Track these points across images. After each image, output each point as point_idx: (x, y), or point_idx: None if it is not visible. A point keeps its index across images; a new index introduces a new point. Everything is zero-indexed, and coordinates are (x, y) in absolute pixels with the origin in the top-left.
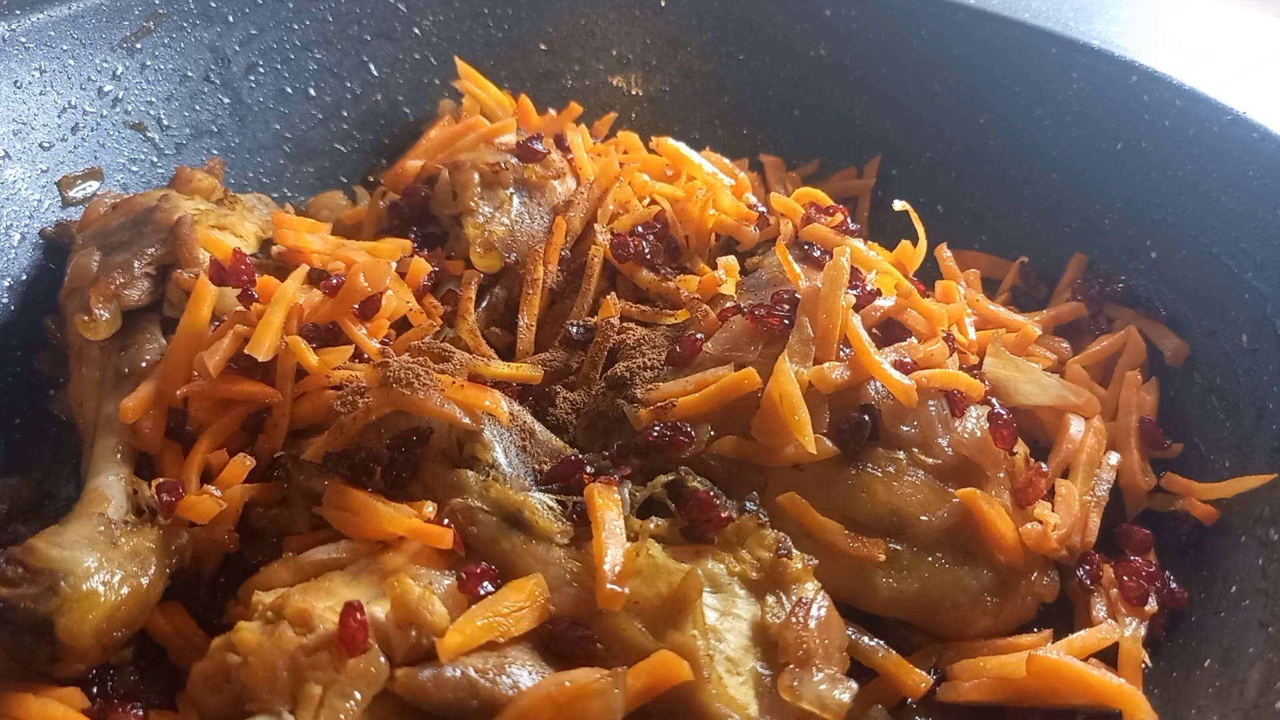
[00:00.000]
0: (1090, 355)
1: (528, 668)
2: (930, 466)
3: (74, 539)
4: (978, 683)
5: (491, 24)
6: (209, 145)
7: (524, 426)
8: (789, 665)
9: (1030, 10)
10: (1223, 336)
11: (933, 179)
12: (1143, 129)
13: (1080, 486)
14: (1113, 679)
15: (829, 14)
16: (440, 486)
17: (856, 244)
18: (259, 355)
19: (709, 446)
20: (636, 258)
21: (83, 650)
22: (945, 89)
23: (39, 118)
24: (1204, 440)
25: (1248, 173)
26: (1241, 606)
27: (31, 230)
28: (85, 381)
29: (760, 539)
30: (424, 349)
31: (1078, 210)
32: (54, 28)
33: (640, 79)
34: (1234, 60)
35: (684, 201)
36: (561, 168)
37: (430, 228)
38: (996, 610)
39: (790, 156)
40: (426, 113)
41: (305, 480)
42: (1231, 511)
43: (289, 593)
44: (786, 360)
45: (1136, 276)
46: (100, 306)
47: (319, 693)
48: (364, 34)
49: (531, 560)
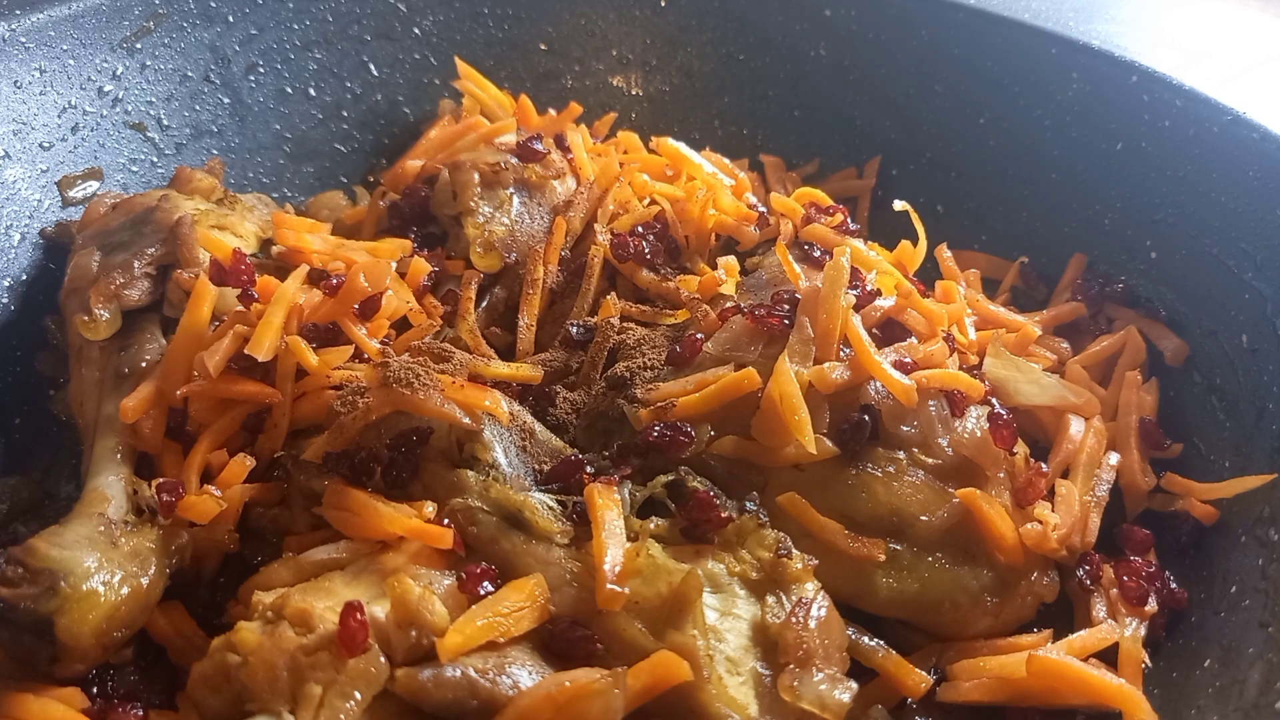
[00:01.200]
0: (1090, 355)
1: (528, 668)
2: (930, 466)
3: (74, 539)
4: (978, 683)
5: (491, 24)
6: (209, 145)
7: (524, 426)
8: (789, 665)
9: (1030, 10)
10: (1223, 336)
11: (933, 179)
12: (1143, 129)
13: (1080, 487)
14: (1113, 679)
15: (829, 14)
16: (440, 486)
17: (856, 244)
18: (259, 355)
19: (709, 446)
20: (636, 258)
21: (83, 650)
22: (945, 89)
23: (39, 118)
24: (1204, 440)
25: (1248, 173)
26: (1241, 606)
27: (31, 230)
28: (85, 381)
29: (760, 539)
30: (424, 349)
31: (1078, 210)
32: (54, 28)
33: (640, 79)
34: (1234, 60)
35: (684, 201)
36: (561, 168)
37: (430, 228)
38: (996, 610)
39: (790, 156)
40: (426, 113)
41: (305, 480)
42: (1231, 511)
43: (289, 593)
44: (786, 360)
45: (1136, 276)
46: (100, 306)
47: (319, 693)
48: (364, 34)
49: (531, 560)
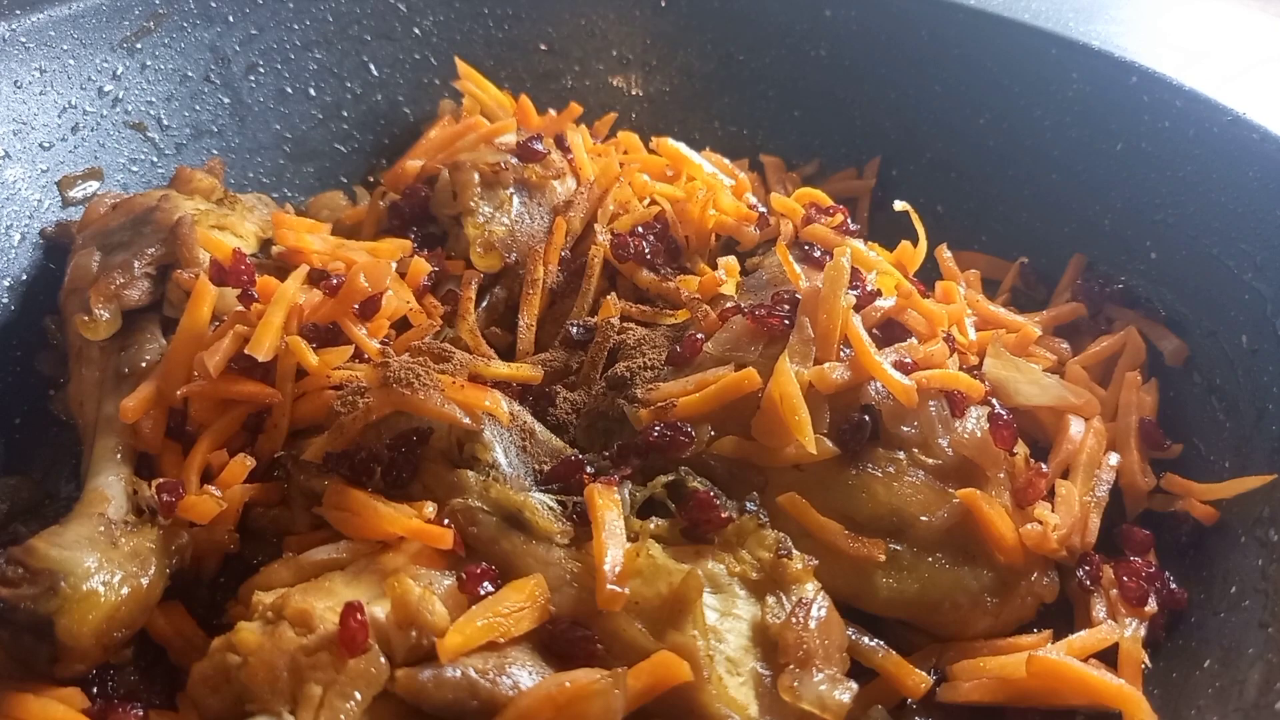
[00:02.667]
0: (1090, 356)
1: (528, 668)
2: (930, 467)
3: (74, 539)
4: (978, 683)
5: (491, 24)
6: (209, 145)
7: (524, 427)
8: (789, 666)
9: (1030, 10)
10: (1223, 337)
11: (933, 179)
12: (1143, 129)
13: (1080, 487)
14: (1112, 679)
15: (829, 14)
16: (440, 487)
17: (857, 244)
18: (259, 356)
19: (709, 446)
20: (636, 258)
21: (83, 651)
22: (945, 89)
23: (39, 118)
24: (1204, 441)
25: (1248, 173)
26: (1241, 607)
27: (31, 230)
28: (85, 381)
29: (760, 539)
30: (424, 349)
31: (1078, 210)
32: (54, 28)
33: (640, 79)
34: (1234, 60)
35: (684, 202)
36: (561, 168)
37: (430, 228)
38: (996, 610)
39: (790, 156)
40: (426, 113)
41: (305, 480)
42: (1231, 512)
43: (289, 593)
44: (787, 360)
45: (1136, 276)
46: (100, 306)
47: (319, 693)
48: (364, 34)
49: (532, 560)
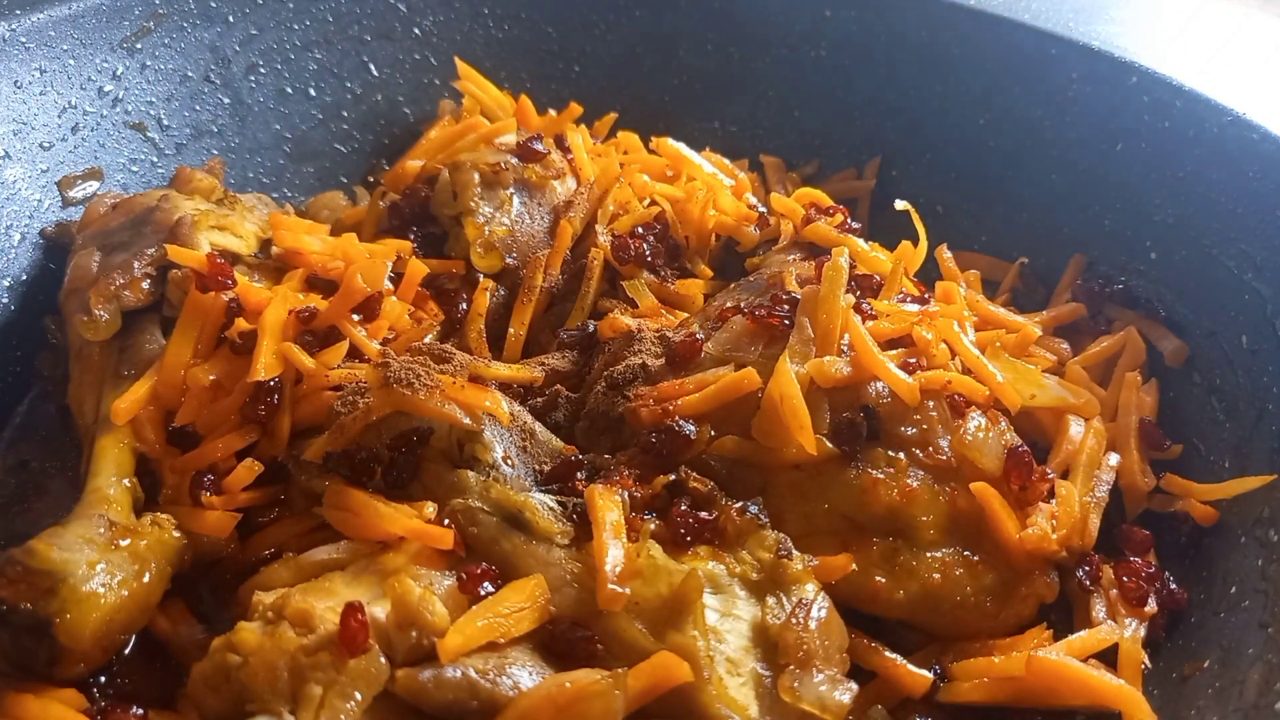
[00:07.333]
0: (1090, 356)
1: (528, 669)
2: (931, 467)
3: (74, 540)
4: (978, 683)
5: (491, 24)
6: (209, 145)
7: (524, 427)
8: (789, 666)
9: (1030, 10)
10: (1222, 337)
11: (933, 179)
12: (1143, 129)
13: (1080, 487)
14: (1112, 679)
15: (829, 14)
16: (440, 487)
17: (857, 242)
18: (257, 378)
19: (709, 446)
20: (637, 259)
21: (82, 652)
22: (945, 89)
23: (39, 118)
24: (1204, 441)
25: (1248, 173)
26: (1241, 607)
27: (31, 230)
28: (85, 382)
29: (760, 540)
30: (424, 349)
31: (1078, 210)
32: (54, 28)
33: (640, 79)
34: (1234, 60)
35: (684, 202)
36: (561, 168)
37: (430, 228)
38: (996, 611)
39: (790, 156)
40: (426, 113)
41: (306, 480)
42: (1231, 512)
43: (289, 593)
44: (787, 360)
45: (1136, 277)
46: (100, 307)
47: (319, 693)
48: (364, 34)
49: (532, 561)
